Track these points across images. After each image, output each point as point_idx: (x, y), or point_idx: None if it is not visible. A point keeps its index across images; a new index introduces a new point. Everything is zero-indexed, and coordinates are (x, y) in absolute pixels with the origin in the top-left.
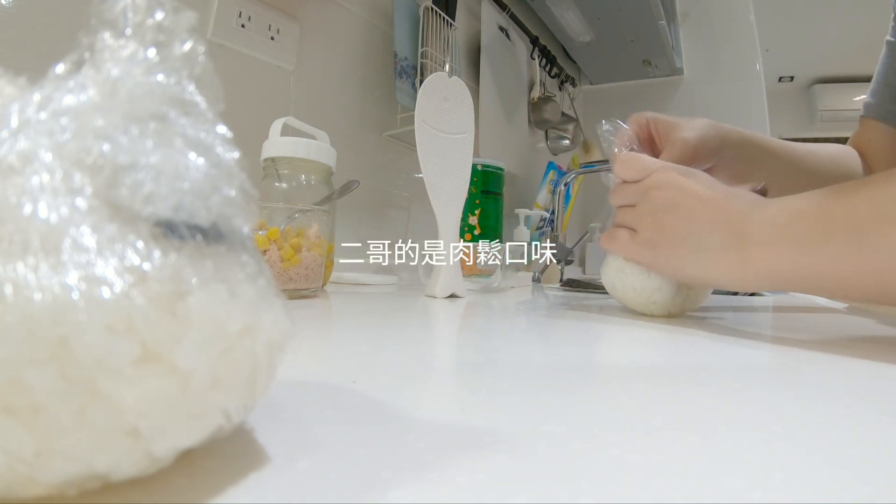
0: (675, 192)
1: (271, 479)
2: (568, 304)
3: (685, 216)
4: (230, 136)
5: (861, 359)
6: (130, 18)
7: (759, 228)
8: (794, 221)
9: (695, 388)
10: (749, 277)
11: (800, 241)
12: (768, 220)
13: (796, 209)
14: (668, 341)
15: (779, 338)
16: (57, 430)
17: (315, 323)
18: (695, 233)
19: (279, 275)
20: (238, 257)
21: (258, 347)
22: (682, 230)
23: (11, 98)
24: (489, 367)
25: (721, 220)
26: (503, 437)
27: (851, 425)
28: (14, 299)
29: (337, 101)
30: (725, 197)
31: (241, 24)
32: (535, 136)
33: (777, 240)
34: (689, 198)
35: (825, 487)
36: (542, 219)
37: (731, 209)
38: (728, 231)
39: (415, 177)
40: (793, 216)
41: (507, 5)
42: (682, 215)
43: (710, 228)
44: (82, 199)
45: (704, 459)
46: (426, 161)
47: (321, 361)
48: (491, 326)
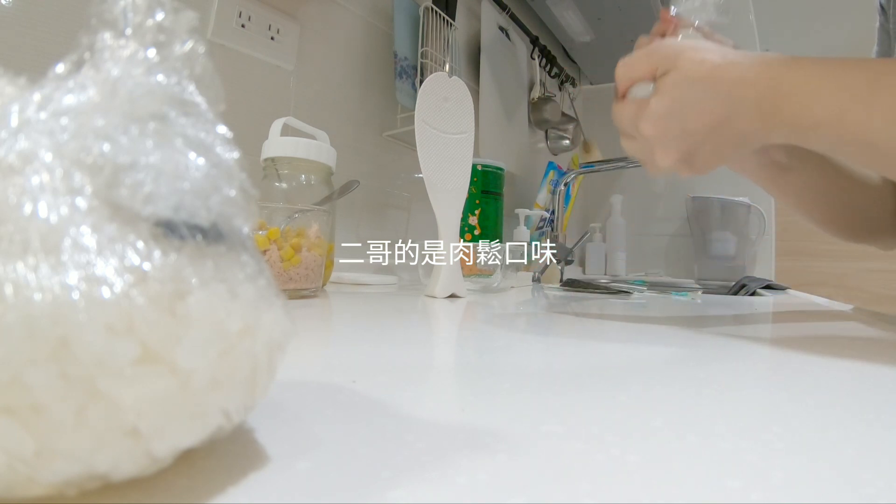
0: (683, 89)
1: (271, 479)
2: (568, 304)
3: (701, 113)
4: (230, 136)
5: (861, 360)
6: (130, 18)
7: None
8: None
9: (695, 388)
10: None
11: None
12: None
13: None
14: (667, 342)
15: (779, 338)
16: (57, 430)
17: (315, 323)
18: (726, 124)
19: (279, 275)
20: (238, 257)
21: (258, 347)
22: (704, 127)
23: (11, 98)
24: (489, 368)
25: (751, 99)
26: (503, 437)
27: (851, 425)
28: (14, 299)
29: (337, 101)
30: (738, 66)
31: (241, 24)
32: (535, 136)
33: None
34: (699, 90)
35: (825, 487)
36: (542, 219)
37: (755, 79)
38: (762, 109)
39: (415, 177)
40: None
41: (507, 5)
42: (697, 113)
43: (740, 114)
44: (82, 198)
45: (704, 460)
46: (426, 161)
47: (321, 361)
48: (491, 326)
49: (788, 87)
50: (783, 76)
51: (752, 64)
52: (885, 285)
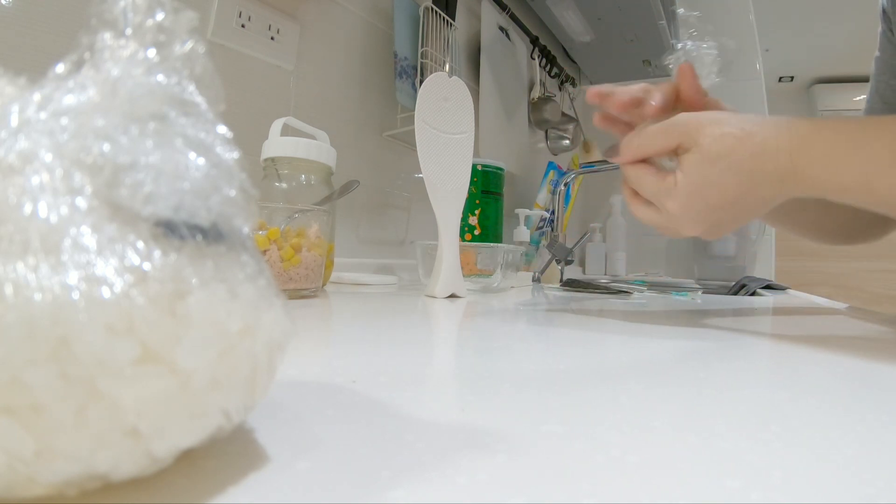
0: (703, 169)
1: (271, 479)
2: (568, 304)
3: (724, 190)
4: (230, 136)
5: (861, 359)
6: (130, 18)
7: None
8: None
9: (694, 388)
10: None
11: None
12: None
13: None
14: (667, 342)
15: (778, 339)
16: (57, 430)
17: (315, 323)
18: (748, 195)
19: (279, 275)
20: (238, 257)
21: (258, 347)
22: (726, 203)
23: (11, 98)
24: (489, 368)
25: (771, 171)
26: (503, 437)
27: (851, 425)
28: (14, 299)
29: (337, 101)
30: (748, 138)
31: (241, 24)
32: (535, 136)
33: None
34: (714, 168)
35: (824, 487)
36: (542, 219)
37: (763, 151)
38: (773, 177)
39: (415, 177)
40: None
41: (507, 5)
42: (720, 191)
43: (762, 185)
44: (82, 198)
45: (704, 459)
46: (426, 161)
47: (321, 361)
48: (491, 326)
49: (809, 155)
50: (804, 147)
51: (771, 135)
52: (885, 285)
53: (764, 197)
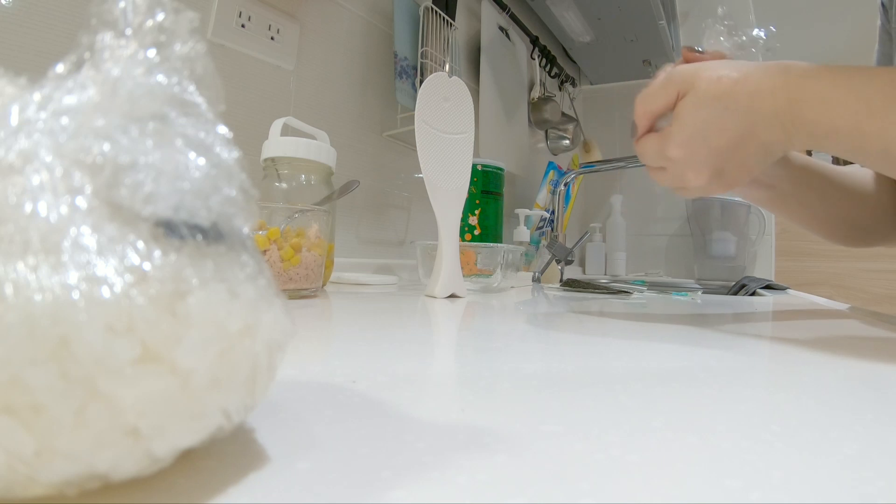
0: (705, 109)
1: (271, 479)
2: (568, 304)
3: (723, 130)
4: (230, 136)
5: (861, 359)
6: (131, 19)
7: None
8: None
9: (694, 388)
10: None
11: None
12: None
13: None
14: (667, 342)
15: (778, 339)
16: (57, 430)
17: (315, 323)
18: (749, 137)
19: (279, 275)
20: (238, 257)
21: (258, 347)
22: (728, 145)
23: (11, 98)
24: (489, 368)
25: (768, 110)
26: (503, 437)
27: (851, 425)
28: (14, 299)
29: (337, 101)
30: (752, 80)
31: (241, 24)
32: (535, 136)
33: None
34: (718, 108)
35: (824, 487)
36: (542, 219)
37: (771, 93)
38: (778, 121)
39: (415, 177)
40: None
41: (507, 5)
42: (719, 131)
43: (761, 125)
44: (82, 198)
45: (704, 460)
46: (426, 161)
47: (321, 361)
48: (491, 326)
49: (805, 95)
50: (800, 85)
51: (768, 75)
52: (885, 285)
53: (765, 141)
